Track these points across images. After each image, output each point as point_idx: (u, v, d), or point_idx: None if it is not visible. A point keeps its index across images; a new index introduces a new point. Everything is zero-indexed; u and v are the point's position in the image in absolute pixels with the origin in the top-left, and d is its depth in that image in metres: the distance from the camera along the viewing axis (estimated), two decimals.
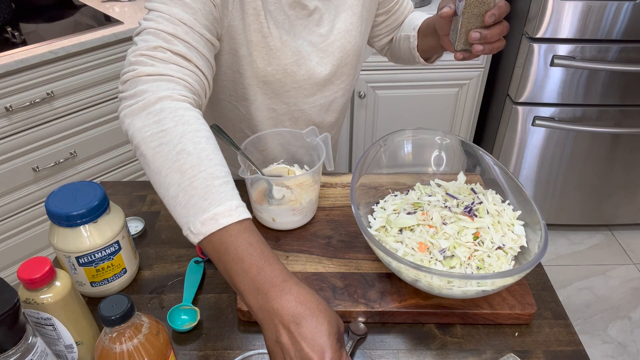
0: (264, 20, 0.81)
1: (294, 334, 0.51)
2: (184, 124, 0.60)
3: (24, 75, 1.45)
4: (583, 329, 1.82)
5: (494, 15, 0.70)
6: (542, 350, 0.70)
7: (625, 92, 1.81)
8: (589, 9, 1.64)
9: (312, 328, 0.51)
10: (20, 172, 1.55)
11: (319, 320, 0.51)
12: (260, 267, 0.53)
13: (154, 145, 0.59)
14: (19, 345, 0.52)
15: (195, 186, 0.56)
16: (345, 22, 0.89)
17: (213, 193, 0.56)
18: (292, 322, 0.51)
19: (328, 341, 0.51)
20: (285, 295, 0.52)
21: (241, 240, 0.54)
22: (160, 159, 0.59)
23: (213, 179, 0.57)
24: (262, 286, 0.53)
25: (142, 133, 0.61)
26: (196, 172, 0.57)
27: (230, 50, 0.83)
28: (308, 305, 0.52)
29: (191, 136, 0.60)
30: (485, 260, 0.74)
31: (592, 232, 2.23)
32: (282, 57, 0.85)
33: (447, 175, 0.91)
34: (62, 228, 0.69)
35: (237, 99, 0.91)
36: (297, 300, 0.52)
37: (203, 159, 0.58)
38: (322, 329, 0.51)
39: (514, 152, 1.99)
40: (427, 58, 0.99)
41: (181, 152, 0.58)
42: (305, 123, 0.97)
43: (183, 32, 0.69)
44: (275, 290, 0.52)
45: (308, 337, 0.50)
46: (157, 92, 0.63)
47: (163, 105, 0.62)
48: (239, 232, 0.55)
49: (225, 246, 0.54)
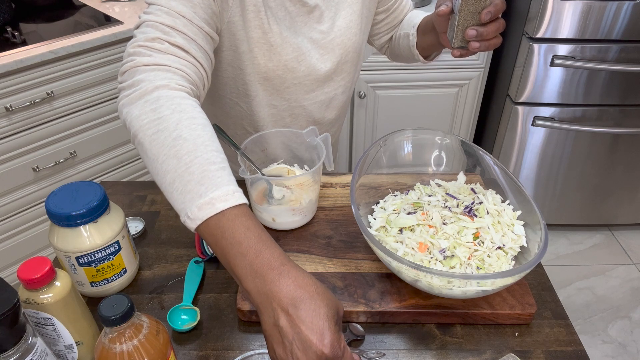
0: (265, 16, 0.81)
1: (292, 317, 0.50)
2: (180, 111, 0.61)
3: (24, 75, 1.45)
4: (583, 329, 1.82)
5: (490, 13, 0.72)
6: (542, 350, 0.70)
7: (625, 92, 1.81)
8: (589, 9, 1.64)
9: (311, 311, 0.50)
10: (20, 172, 1.55)
11: (317, 303, 0.51)
12: (258, 250, 0.53)
13: (150, 132, 0.60)
14: (19, 345, 0.52)
15: (192, 172, 0.56)
16: (346, 20, 0.90)
17: (210, 178, 0.56)
18: (290, 305, 0.50)
19: (327, 324, 0.50)
20: (284, 278, 0.52)
21: (238, 224, 0.54)
22: (157, 146, 0.59)
23: (209, 165, 0.57)
24: (259, 269, 0.52)
25: (139, 121, 0.61)
26: (192, 158, 0.57)
27: (230, 46, 0.83)
28: (306, 289, 0.52)
29: (187, 123, 0.60)
30: (485, 260, 0.74)
31: (592, 232, 2.23)
32: (283, 53, 0.86)
33: (447, 175, 0.91)
34: (62, 228, 0.69)
35: (239, 95, 0.91)
36: (295, 283, 0.52)
37: (199, 145, 0.58)
38: (321, 312, 0.51)
39: (514, 152, 1.99)
40: (427, 56, 0.99)
41: (177, 139, 0.58)
42: (305, 119, 0.97)
43: (182, 25, 0.70)
44: (273, 274, 0.52)
45: (307, 320, 0.50)
46: (154, 81, 0.64)
47: (160, 93, 0.62)
48: (235, 217, 0.54)
49: (222, 230, 0.54)
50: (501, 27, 0.75)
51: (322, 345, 0.49)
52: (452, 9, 0.75)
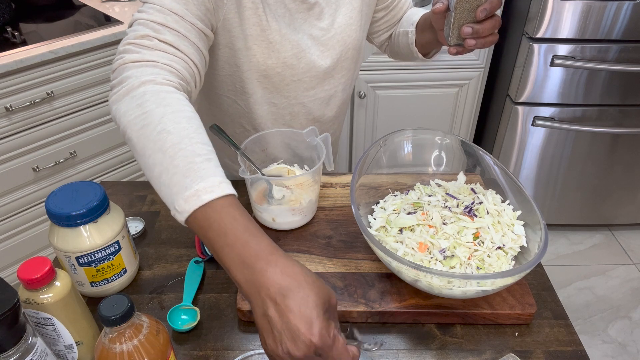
0: (263, 13, 0.81)
1: (280, 306, 0.49)
2: (165, 105, 0.61)
3: (24, 75, 1.45)
4: (583, 329, 1.82)
5: (486, 10, 0.72)
6: (542, 350, 0.70)
7: (625, 92, 1.81)
8: (589, 9, 1.64)
9: (299, 299, 0.49)
10: (20, 172, 1.55)
11: (306, 291, 0.50)
12: (245, 240, 0.53)
13: (137, 128, 0.60)
14: (19, 345, 0.52)
15: (177, 164, 0.56)
16: (346, 16, 0.90)
17: (195, 170, 0.56)
18: (278, 294, 0.50)
19: (315, 312, 0.49)
20: (272, 267, 0.51)
21: (225, 215, 0.54)
22: (144, 140, 0.59)
23: (194, 157, 0.57)
24: (247, 260, 0.52)
25: (127, 117, 0.62)
26: (177, 151, 0.57)
27: (227, 44, 0.83)
28: (295, 277, 0.51)
29: (172, 117, 0.60)
30: (485, 260, 0.74)
31: (592, 232, 2.23)
32: (282, 50, 0.86)
33: (447, 175, 0.91)
34: (62, 228, 0.69)
35: (236, 93, 0.91)
36: (283, 272, 0.51)
37: (184, 137, 0.58)
38: (310, 300, 0.50)
39: (514, 152, 1.99)
40: (426, 54, 0.99)
41: (162, 132, 0.58)
42: (305, 117, 0.97)
43: (173, 22, 0.70)
44: (261, 264, 0.51)
45: (295, 309, 0.49)
46: (140, 77, 0.64)
47: (146, 89, 0.63)
48: (222, 208, 0.54)
49: (209, 222, 0.54)
50: (497, 25, 0.75)
51: (311, 335, 0.48)
52: (448, 7, 0.75)
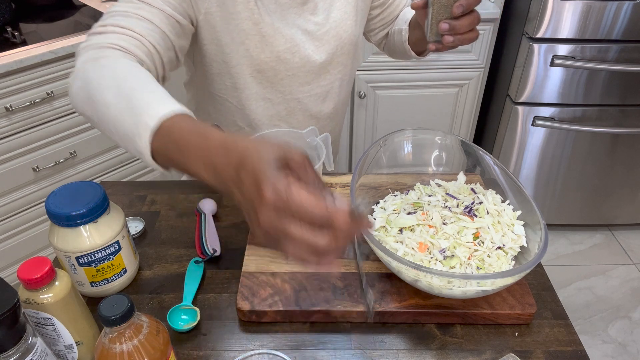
0: (255, 7, 0.81)
1: (241, 180, 0.46)
2: (118, 64, 0.65)
3: (24, 75, 1.45)
4: (583, 329, 1.82)
5: (462, 6, 0.71)
6: (542, 350, 0.70)
7: (625, 92, 1.81)
8: (589, 9, 1.64)
9: (252, 164, 0.46)
10: (20, 172, 1.55)
11: (259, 154, 0.46)
12: (199, 145, 0.51)
13: (91, 87, 0.63)
14: (19, 345, 0.52)
15: (127, 112, 0.57)
16: (340, 11, 0.90)
17: (136, 107, 0.57)
18: (235, 176, 0.47)
19: (262, 174, 0.45)
20: (230, 154, 0.49)
21: (175, 131, 0.53)
22: (98, 80, 0.62)
23: (131, 99, 0.58)
24: (207, 160, 0.50)
25: (83, 72, 0.65)
26: (123, 96, 0.59)
27: (212, 40, 0.83)
28: (247, 152, 0.47)
29: (124, 68, 0.63)
30: (485, 260, 0.74)
31: (592, 232, 2.23)
32: (275, 44, 0.86)
33: (447, 175, 0.91)
34: (62, 228, 0.69)
35: (227, 90, 0.91)
36: (238, 152, 0.48)
37: (123, 87, 0.60)
38: (262, 160, 0.46)
39: (514, 152, 1.99)
40: (420, 52, 0.99)
41: (118, 79, 0.61)
42: (302, 113, 0.97)
43: (136, 8, 0.72)
44: (220, 157, 0.49)
45: (246, 180, 0.46)
46: (99, 51, 0.67)
47: (103, 53, 0.67)
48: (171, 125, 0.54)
49: (165, 144, 0.54)
50: (476, 21, 0.74)
51: (261, 197, 0.44)
52: (426, 2, 0.75)
